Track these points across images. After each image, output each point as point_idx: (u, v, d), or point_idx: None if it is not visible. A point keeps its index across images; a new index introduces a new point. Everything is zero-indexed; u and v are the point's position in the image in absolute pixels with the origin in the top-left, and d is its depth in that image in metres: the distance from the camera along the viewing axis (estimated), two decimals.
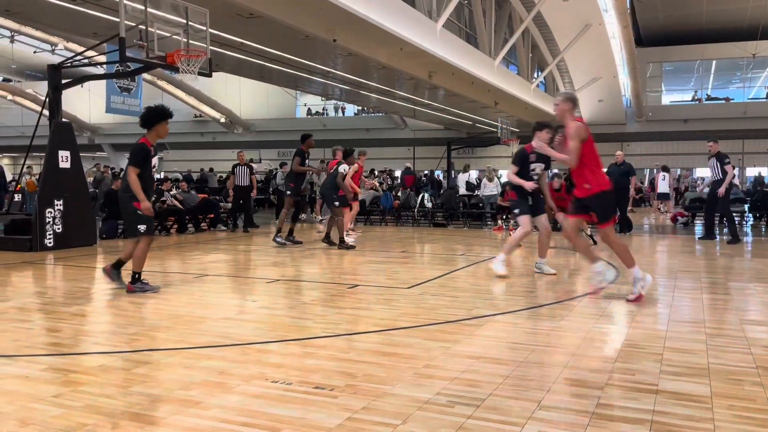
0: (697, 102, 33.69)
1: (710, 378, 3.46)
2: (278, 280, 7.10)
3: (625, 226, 13.00)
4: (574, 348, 4.09)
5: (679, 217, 15.75)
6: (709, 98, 33.82)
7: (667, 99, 34.95)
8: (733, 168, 11.33)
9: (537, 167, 7.32)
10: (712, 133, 30.34)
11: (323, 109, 38.29)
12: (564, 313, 5.18)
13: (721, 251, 10.14)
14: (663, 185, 17.82)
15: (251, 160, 19.49)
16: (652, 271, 7.77)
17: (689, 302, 5.80)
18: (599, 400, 3.13)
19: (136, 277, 6.16)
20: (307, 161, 10.70)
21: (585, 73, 28.10)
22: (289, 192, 10.54)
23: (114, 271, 6.38)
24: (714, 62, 33.85)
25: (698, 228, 14.45)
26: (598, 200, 5.70)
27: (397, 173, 24.61)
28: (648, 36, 31.27)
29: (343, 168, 10.55)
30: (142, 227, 6.17)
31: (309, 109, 38.51)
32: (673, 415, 2.92)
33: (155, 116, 6.37)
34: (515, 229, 13.85)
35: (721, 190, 10.97)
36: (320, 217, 17.62)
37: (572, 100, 5.82)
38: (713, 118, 30.59)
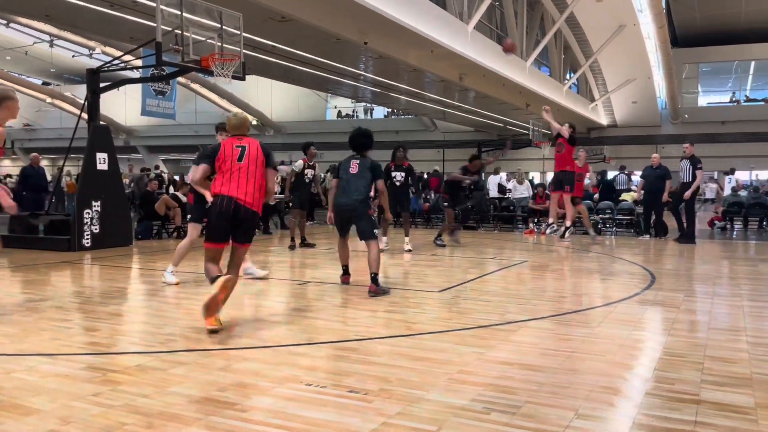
0: (735, 104, 32.93)
1: (753, 388, 3.37)
2: (309, 282, 7.14)
3: (661, 231, 12.76)
4: (610, 355, 4.02)
5: (716, 222, 15.39)
6: (747, 100, 33.02)
7: (703, 100, 34.25)
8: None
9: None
10: (751, 135, 29.72)
11: (353, 111, 38.44)
12: (599, 320, 5.10)
13: (760, 257, 9.87)
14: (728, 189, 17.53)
15: (282, 162, 19.65)
16: (689, 277, 7.61)
17: (728, 309, 5.65)
18: (639, 410, 3.07)
19: (375, 278, 6.23)
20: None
21: (619, 75, 27.69)
22: (446, 204, 10.96)
23: (378, 285, 6.28)
24: (753, 63, 33.06)
25: (735, 233, 14.11)
26: None
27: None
28: (684, 36, 30.68)
29: (297, 165, 10.39)
30: (376, 230, 6.70)
31: (339, 112, 38.70)
32: (716, 426, 2.85)
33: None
34: (546, 233, 13.72)
35: (688, 194, 11.21)
36: None
37: None
38: (751, 119, 29.85)
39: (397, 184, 10.16)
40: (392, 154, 10.37)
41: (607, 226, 14.55)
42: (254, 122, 36.97)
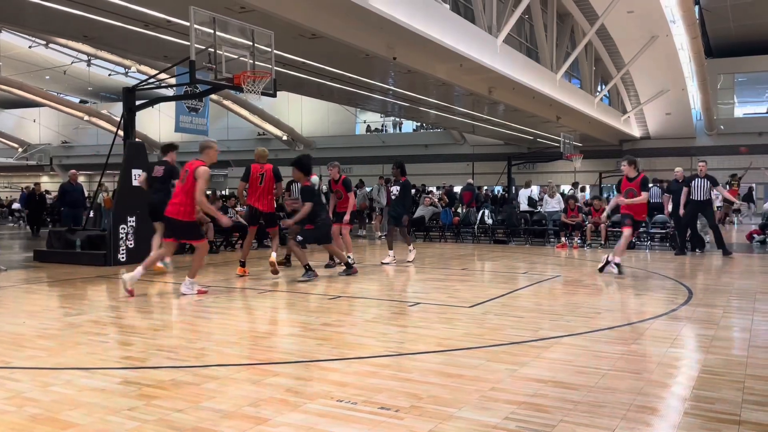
0: None
1: None
2: (340, 296, 7.15)
3: (698, 244, 12.46)
4: (647, 374, 3.92)
5: (755, 235, 14.99)
6: None
7: (740, 111, 33.53)
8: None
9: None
10: None
11: (382, 126, 38.62)
12: (635, 337, 4.99)
13: None
14: None
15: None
16: (728, 292, 7.42)
17: None
18: (677, 430, 2.99)
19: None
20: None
21: (651, 86, 27.32)
22: None
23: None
24: None
25: None
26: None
27: (457, 189, 24.51)
28: (718, 46, 30.16)
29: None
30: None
31: (368, 126, 38.93)
32: None
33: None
34: (579, 246, 13.50)
35: (719, 213, 11.09)
36: (380, 233, 17.69)
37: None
38: None
39: (393, 198, 10.82)
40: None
41: (641, 240, 14.28)
42: (284, 138, 37.43)
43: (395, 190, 10.66)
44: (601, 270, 8.96)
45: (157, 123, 36.17)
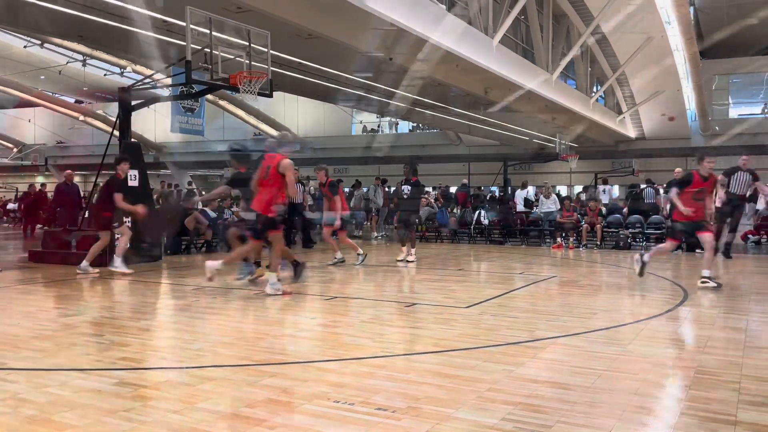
0: (766, 115, 32.31)
1: None
2: (336, 297, 7.14)
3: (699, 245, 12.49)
4: (643, 374, 3.93)
5: (750, 236, 15.04)
6: None
7: (734, 112, 33.65)
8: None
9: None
10: None
11: (378, 126, 38.62)
12: (631, 337, 5.00)
13: None
14: None
15: (307, 177, 19.79)
16: (724, 293, 7.44)
17: (765, 327, 5.50)
18: (674, 431, 2.99)
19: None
20: None
21: (647, 87, 27.36)
22: None
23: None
24: None
25: None
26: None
27: (452, 189, 24.49)
28: (714, 47, 30.24)
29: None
30: None
31: (364, 126, 38.90)
32: None
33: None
34: (575, 247, 13.55)
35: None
36: (376, 234, 17.69)
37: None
38: None
39: (405, 197, 10.92)
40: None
41: (637, 240, 14.32)
42: None
43: (406, 189, 10.67)
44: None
45: (153, 123, 36.09)
